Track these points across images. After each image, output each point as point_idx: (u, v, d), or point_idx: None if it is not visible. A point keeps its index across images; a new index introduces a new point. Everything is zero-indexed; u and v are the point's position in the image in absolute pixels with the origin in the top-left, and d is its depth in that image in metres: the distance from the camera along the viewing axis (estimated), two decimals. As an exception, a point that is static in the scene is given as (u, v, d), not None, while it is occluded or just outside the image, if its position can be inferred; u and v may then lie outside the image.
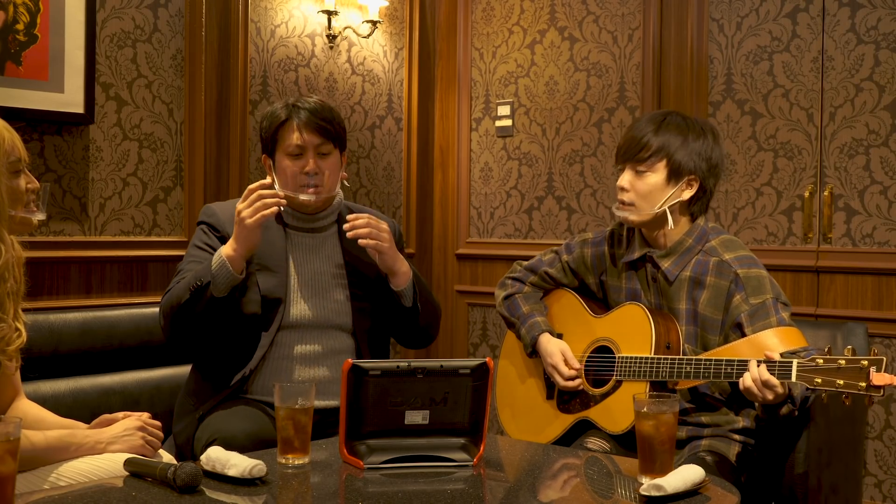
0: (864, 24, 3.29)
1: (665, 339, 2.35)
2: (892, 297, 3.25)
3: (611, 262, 2.53)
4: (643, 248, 2.44)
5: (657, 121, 2.39)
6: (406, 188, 4.30)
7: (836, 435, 2.46)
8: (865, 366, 1.98)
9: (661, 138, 2.36)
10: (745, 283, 2.30)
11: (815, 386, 2.03)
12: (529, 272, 2.67)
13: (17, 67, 2.93)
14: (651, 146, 2.35)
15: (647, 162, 2.36)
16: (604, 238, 2.57)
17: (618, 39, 3.87)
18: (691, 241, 2.39)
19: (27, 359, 2.03)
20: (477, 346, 4.31)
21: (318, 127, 2.45)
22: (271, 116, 2.49)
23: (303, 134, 2.44)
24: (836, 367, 2.01)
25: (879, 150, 3.27)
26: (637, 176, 2.37)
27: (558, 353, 2.49)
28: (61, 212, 3.10)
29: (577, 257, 2.59)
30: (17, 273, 1.94)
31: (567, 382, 2.47)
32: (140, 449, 1.98)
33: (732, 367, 2.18)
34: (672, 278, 2.37)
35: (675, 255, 2.38)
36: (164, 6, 3.36)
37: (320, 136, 2.45)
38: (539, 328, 2.55)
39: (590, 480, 1.98)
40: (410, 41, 4.27)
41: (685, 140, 2.36)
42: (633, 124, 2.45)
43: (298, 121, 2.44)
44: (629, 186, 2.38)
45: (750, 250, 2.41)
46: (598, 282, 2.57)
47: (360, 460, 1.91)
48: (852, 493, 2.57)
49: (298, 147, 2.44)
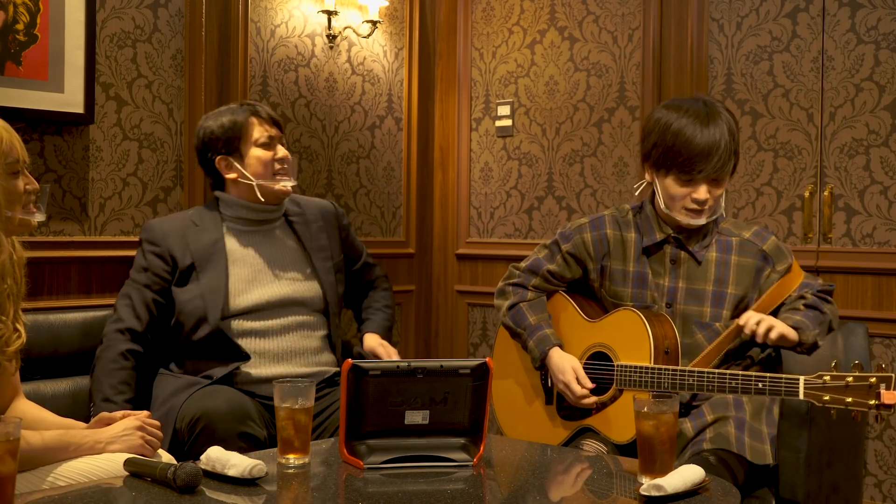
0: (864, 24, 3.29)
1: (663, 345, 2.33)
2: (892, 297, 3.25)
3: (615, 246, 2.49)
4: (664, 231, 2.43)
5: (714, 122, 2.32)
6: (406, 188, 4.29)
7: (837, 435, 2.46)
8: (874, 383, 1.97)
9: (730, 141, 2.32)
10: (773, 256, 2.39)
11: (824, 404, 2.03)
12: (530, 275, 2.60)
13: (17, 67, 2.93)
14: (729, 159, 2.33)
15: (725, 172, 2.34)
16: (603, 221, 2.53)
17: (618, 39, 3.87)
18: (711, 223, 2.42)
19: (27, 359, 2.03)
20: (477, 346, 4.31)
21: (275, 121, 2.75)
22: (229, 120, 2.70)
23: (269, 126, 2.71)
24: (843, 385, 2.00)
25: (879, 150, 3.27)
26: (713, 184, 2.34)
27: (570, 371, 2.43)
28: (61, 212, 3.10)
29: (576, 243, 2.54)
30: (17, 274, 1.93)
31: (581, 401, 2.42)
32: (139, 449, 1.98)
33: (737, 381, 2.17)
34: (701, 259, 2.39)
35: (699, 237, 2.40)
36: (164, 6, 3.36)
37: (278, 128, 2.75)
38: (549, 342, 2.49)
39: (590, 480, 1.98)
40: (410, 41, 4.27)
41: (735, 133, 2.35)
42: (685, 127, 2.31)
43: (260, 116, 2.71)
44: (709, 196, 2.34)
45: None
46: (598, 267, 2.51)
47: (360, 460, 1.91)
48: (852, 493, 2.57)
49: (270, 137, 2.70)
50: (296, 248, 2.77)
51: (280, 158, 2.70)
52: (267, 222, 2.75)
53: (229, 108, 2.75)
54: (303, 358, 2.66)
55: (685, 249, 2.40)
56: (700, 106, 2.35)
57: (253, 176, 2.67)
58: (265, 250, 2.71)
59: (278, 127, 2.75)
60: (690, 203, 2.33)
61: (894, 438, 3.26)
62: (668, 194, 2.36)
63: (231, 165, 2.70)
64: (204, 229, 2.68)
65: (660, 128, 2.36)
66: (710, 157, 2.29)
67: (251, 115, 2.71)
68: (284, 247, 2.75)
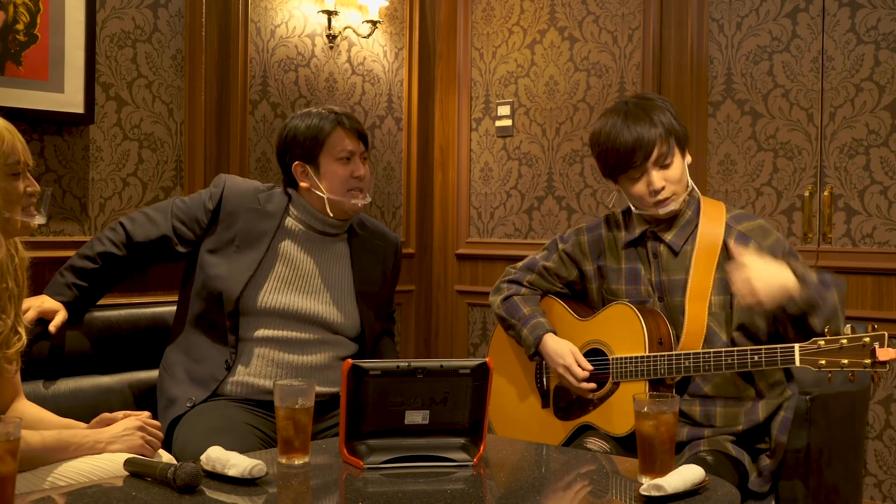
0: (864, 24, 3.29)
1: (656, 335, 2.34)
2: (892, 297, 3.25)
3: (608, 246, 2.51)
4: (643, 226, 2.43)
5: (634, 114, 2.36)
6: (406, 188, 4.30)
7: (837, 435, 2.46)
8: (868, 342, 1.98)
9: (657, 125, 2.34)
10: (752, 234, 2.34)
11: (820, 368, 2.03)
12: (526, 271, 2.62)
13: (17, 67, 2.93)
14: (661, 139, 2.34)
15: (666, 154, 2.35)
16: (599, 224, 2.56)
17: (618, 39, 3.87)
18: (690, 213, 2.41)
19: (27, 360, 2.03)
20: (477, 346, 4.31)
21: (360, 135, 2.63)
22: (315, 125, 2.60)
23: (353, 140, 2.60)
24: (838, 348, 2.01)
25: (879, 150, 3.27)
26: (663, 170, 2.35)
27: (569, 354, 2.44)
28: (61, 212, 3.10)
29: (573, 244, 2.57)
30: (18, 276, 1.93)
31: (581, 384, 2.42)
32: (139, 449, 1.98)
33: (732, 357, 2.18)
34: (677, 249, 2.38)
35: (677, 228, 2.40)
36: (164, 6, 3.36)
37: (363, 143, 2.63)
38: (543, 328, 2.51)
39: (590, 480, 1.98)
40: (410, 41, 4.27)
41: (664, 112, 2.37)
42: (611, 130, 2.37)
43: (346, 128, 2.60)
44: (664, 182, 2.35)
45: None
46: (595, 267, 2.53)
47: (360, 460, 1.91)
48: (852, 493, 2.57)
49: (350, 152, 2.59)
50: (348, 269, 2.68)
51: (358, 176, 2.59)
52: (329, 235, 2.66)
53: (318, 112, 2.64)
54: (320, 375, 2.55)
55: (662, 242, 2.40)
56: (622, 106, 2.43)
57: (326, 190, 2.57)
58: (316, 260, 2.62)
59: (363, 141, 2.64)
60: (651, 196, 2.36)
61: (894, 438, 3.27)
62: (630, 196, 2.41)
63: (307, 174, 2.60)
64: (265, 214, 2.61)
65: (594, 139, 2.47)
66: (638, 149, 2.34)
67: (337, 126, 2.60)
68: (337, 264, 2.66)
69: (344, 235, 2.69)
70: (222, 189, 2.64)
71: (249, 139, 3.65)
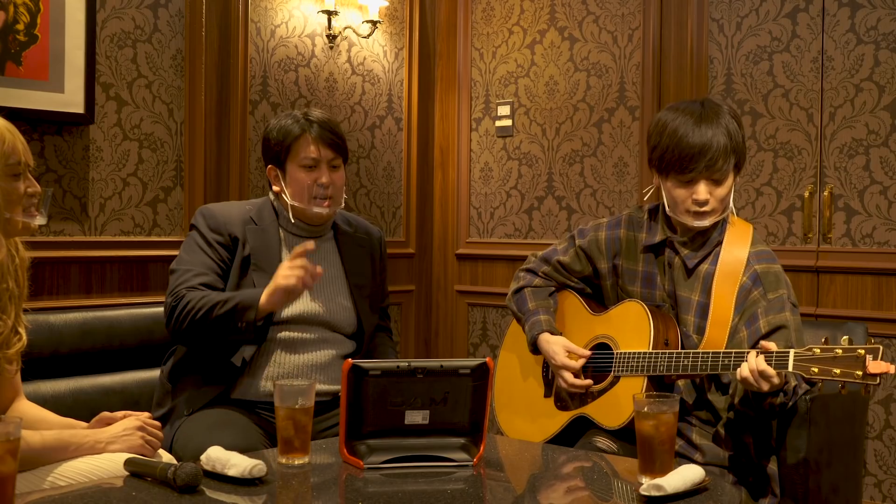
0: (863, 24, 3.29)
1: (664, 336, 2.34)
2: (891, 297, 3.25)
3: (627, 246, 2.50)
4: (664, 233, 2.42)
5: (708, 119, 2.31)
6: (406, 188, 4.30)
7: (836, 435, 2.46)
8: (862, 354, 1.98)
9: (726, 138, 2.29)
10: (763, 279, 2.32)
11: (812, 375, 2.03)
12: (543, 262, 2.63)
13: (17, 67, 2.93)
14: (726, 158, 2.29)
15: (723, 171, 2.32)
16: (620, 221, 2.53)
17: (618, 39, 3.87)
18: (715, 233, 2.38)
19: (27, 360, 2.03)
20: (477, 346, 4.31)
21: (331, 142, 2.54)
22: (284, 129, 2.54)
23: (318, 148, 2.52)
24: (832, 357, 2.01)
25: (879, 150, 3.27)
26: (713, 184, 2.31)
27: (562, 352, 2.44)
28: (61, 212, 3.10)
29: (590, 241, 2.55)
30: (19, 276, 1.93)
31: (574, 381, 2.42)
32: (139, 449, 1.97)
33: (730, 358, 2.18)
34: (690, 266, 2.36)
35: (696, 245, 2.38)
36: (164, 6, 3.36)
37: (333, 150, 2.55)
38: (539, 327, 2.51)
39: (590, 480, 1.98)
40: (410, 41, 4.27)
41: (736, 133, 2.32)
42: (679, 127, 2.31)
43: (313, 135, 2.52)
44: (708, 196, 2.30)
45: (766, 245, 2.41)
46: (610, 266, 2.52)
47: (360, 460, 1.91)
48: (852, 493, 2.56)
49: (314, 160, 2.52)
50: (339, 265, 2.66)
51: (321, 184, 2.52)
52: (315, 236, 2.62)
53: (294, 115, 2.58)
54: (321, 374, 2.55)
55: (679, 255, 2.39)
56: (697, 107, 2.36)
57: (290, 196, 2.54)
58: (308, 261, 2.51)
59: (333, 148, 2.54)
60: (692, 205, 2.32)
61: (894, 438, 3.27)
62: (670, 197, 2.37)
63: (278, 178, 2.57)
64: (262, 230, 2.57)
65: (658, 130, 2.38)
66: (702, 156, 2.28)
67: (304, 132, 2.52)
68: (328, 262, 2.62)
69: (330, 234, 2.68)
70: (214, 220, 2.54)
71: (249, 139, 3.65)
